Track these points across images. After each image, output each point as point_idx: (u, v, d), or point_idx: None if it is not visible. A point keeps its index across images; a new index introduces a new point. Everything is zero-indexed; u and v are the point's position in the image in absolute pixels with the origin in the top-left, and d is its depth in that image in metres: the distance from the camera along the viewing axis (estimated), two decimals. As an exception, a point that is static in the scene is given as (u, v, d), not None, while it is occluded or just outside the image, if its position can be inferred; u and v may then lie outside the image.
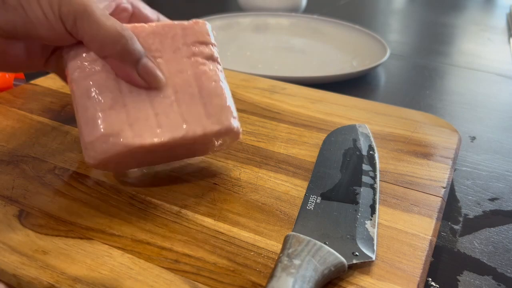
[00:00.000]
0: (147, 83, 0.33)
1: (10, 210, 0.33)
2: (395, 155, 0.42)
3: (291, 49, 0.79)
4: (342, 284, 0.28)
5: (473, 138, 0.52)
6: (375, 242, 0.31)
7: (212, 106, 0.33)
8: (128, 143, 0.31)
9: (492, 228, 0.38)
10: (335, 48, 0.78)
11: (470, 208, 0.40)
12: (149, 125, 0.32)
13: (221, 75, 0.35)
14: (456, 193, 0.42)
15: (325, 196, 0.34)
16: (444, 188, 0.38)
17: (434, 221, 0.34)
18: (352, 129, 0.43)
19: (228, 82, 0.54)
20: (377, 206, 0.34)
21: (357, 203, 0.34)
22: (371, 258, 0.29)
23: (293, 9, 0.95)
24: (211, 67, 0.35)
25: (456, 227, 0.38)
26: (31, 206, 0.33)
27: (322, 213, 0.33)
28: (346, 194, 0.34)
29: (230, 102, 0.34)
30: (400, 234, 0.32)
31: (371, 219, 0.32)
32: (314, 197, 0.34)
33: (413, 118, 0.48)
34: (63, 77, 0.37)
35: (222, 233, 0.32)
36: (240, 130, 0.35)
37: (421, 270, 0.30)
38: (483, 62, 0.78)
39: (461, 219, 0.39)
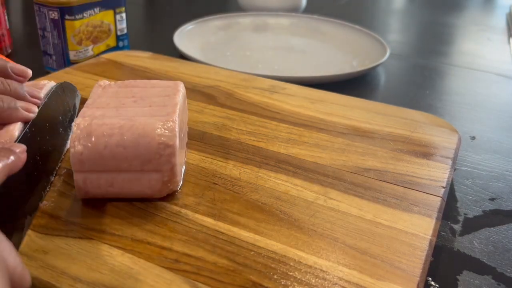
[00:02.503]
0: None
1: (11, 210, 0.33)
2: (395, 155, 0.42)
3: (291, 49, 0.79)
4: (341, 283, 0.28)
5: (473, 138, 0.52)
6: None
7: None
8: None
9: (491, 228, 0.38)
10: (335, 48, 0.78)
11: (469, 208, 0.40)
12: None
13: None
14: (456, 193, 0.42)
15: None
16: (444, 188, 0.38)
17: (433, 221, 0.34)
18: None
19: (228, 82, 0.54)
20: None
21: None
22: None
23: (293, 9, 0.95)
24: None
25: (455, 226, 0.38)
26: (31, 206, 0.33)
27: None
28: None
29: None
30: (400, 233, 0.32)
31: None
32: None
33: (413, 118, 0.48)
34: None
35: (222, 232, 0.32)
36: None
37: (421, 270, 0.30)
38: (483, 62, 0.78)
39: (460, 218, 0.39)
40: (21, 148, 0.29)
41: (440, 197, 0.37)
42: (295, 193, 0.36)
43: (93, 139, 0.31)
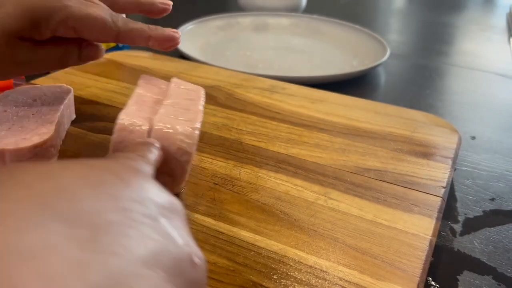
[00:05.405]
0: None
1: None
2: (395, 155, 0.42)
3: (291, 49, 0.79)
4: (341, 283, 0.28)
5: (473, 138, 0.52)
6: None
7: None
8: None
9: (492, 228, 0.38)
10: (335, 48, 0.78)
11: (470, 208, 0.40)
12: None
13: None
14: (456, 193, 0.42)
15: None
16: (444, 188, 0.38)
17: (434, 221, 0.34)
18: None
19: (228, 82, 0.54)
20: None
21: None
22: None
23: (293, 9, 0.95)
24: None
25: (456, 226, 0.38)
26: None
27: None
28: None
29: None
30: (400, 234, 0.32)
31: None
32: None
33: (413, 118, 0.48)
34: None
35: (222, 232, 0.32)
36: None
37: (421, 270, 0.30)
38: (483, 62, 0.78)
39: (461, 219, 0.39)
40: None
41: (440, 197, 0.37)
42: (295, 193, 0.36)
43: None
